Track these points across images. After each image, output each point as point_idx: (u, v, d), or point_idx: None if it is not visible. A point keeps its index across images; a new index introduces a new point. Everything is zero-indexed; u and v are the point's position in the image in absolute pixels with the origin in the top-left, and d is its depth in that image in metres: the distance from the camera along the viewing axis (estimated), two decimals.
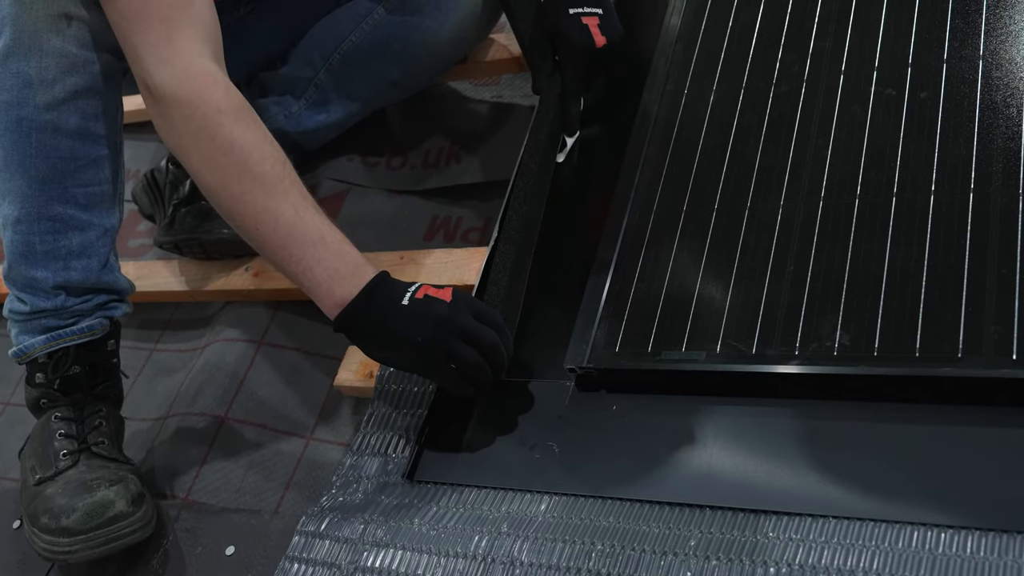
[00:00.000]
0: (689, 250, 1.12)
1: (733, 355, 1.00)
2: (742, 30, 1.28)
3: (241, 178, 1.07)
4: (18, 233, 1.16)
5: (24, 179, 1.14)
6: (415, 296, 1.07)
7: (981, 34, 1.11)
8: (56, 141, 1.13)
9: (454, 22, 1.49)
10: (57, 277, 1.17)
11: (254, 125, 1.10)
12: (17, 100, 1.12)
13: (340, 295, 1.08)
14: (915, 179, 1.03)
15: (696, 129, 1.22)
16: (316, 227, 1.08)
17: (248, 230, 1.09)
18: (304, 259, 1.07)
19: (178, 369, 1.52)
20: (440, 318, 1.05)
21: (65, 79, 1.12)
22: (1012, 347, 0.88)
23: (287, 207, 1.07)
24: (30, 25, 1.11)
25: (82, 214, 1.17)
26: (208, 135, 1.07)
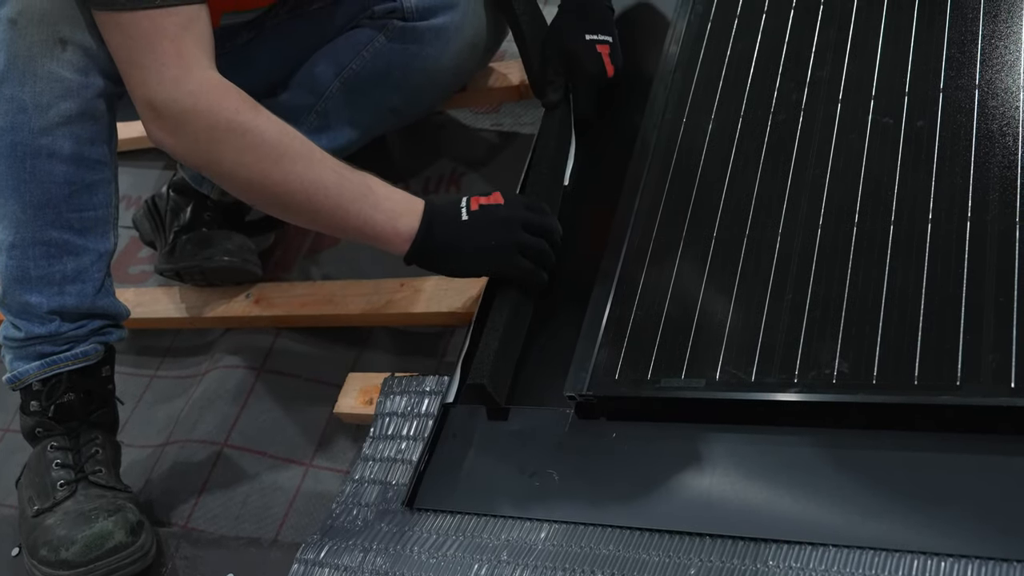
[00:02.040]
0: (688, 277, 1.12)
1: (732, 382, 1.01)
2: (740, 59, 1.28)
3: (280, 162, 1.12)
4: (12, 258, 1.17)
5: (18, 204, 1.14)
6: (470, 209, 1.18)
7: (977, 64, 1.12)
8: (50, 166, 1.14)
9: (454, 51, 1.50)
10: (52, 302, 1.17)
11: (267, 112, 1.15)
12: (11, 125, 1.13)
13: (405, 231, 1.16)
14: (912, 207, 1.04)
15: (695, 157, 1.22)
16: (359, 179, 1.17)
17: (300, 206, 1.15)
18: (362, 212, 1.15)
19: (178, 396, 1.52)
20: (504, 220, 1.18)
21: (59, 104, 1.13)
22: (1010, 375, 0.88)
23: (328, 172, 1.14)
24: (25, 50, 1.12)
25: (76, 239, 1.17)
26: (236, 136, 1.12)
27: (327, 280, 1.49)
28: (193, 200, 1.55)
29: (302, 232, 1.63)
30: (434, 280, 1.38)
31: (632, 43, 1.45)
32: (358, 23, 1.51)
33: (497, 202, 1.20)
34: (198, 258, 1.49)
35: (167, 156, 1.87)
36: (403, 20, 1.48)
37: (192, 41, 1.12)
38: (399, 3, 1.49)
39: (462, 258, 1.20)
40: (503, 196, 1.20)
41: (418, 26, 1.48)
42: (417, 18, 1.48)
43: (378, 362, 1.42)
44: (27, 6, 1.12)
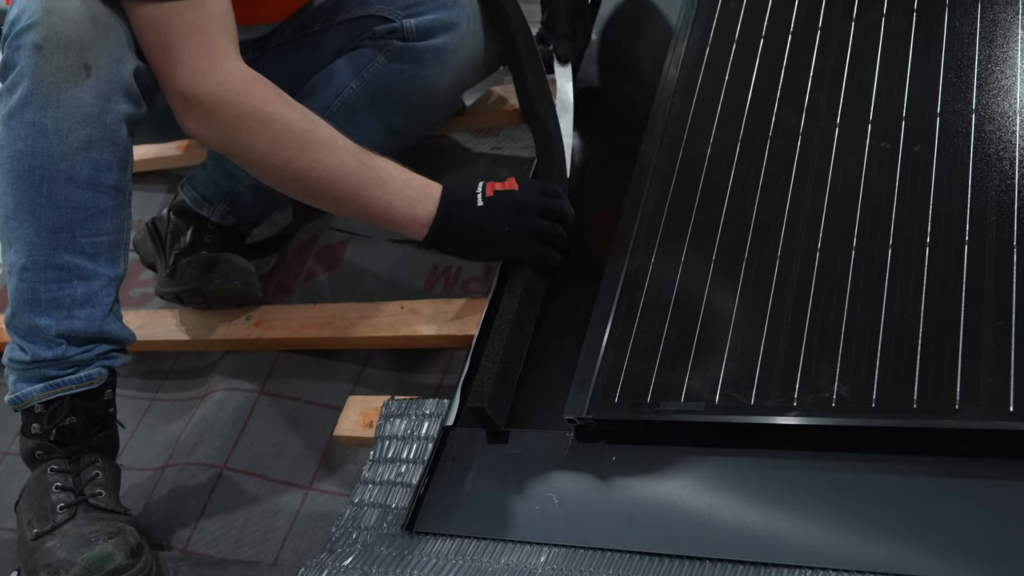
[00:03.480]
0: (687, 300, 1.12)
1: (732, 406, 1.01)
2: (738, 84, 1.29)
3: (305, 149, 1.19)
4: (24, 281, 1.17)
5: (33, 227, 1.15)
6: (486, 195, 1.24)
7: (973, 88, 1.12)
8: (68, 191, 1.15)
9: (453, 72, 1.51)
10: (60, 326, 1.18)
11: (292, 101, 1.21)
12: (31, 149, 1.14)
13: (423, 217, 1.22)
14: (910, 231, 1.04)
15: (694, 181, 1.23)
16: (380, 166, 1.23)
17: (324, 192, 1.21)
18: (383, 198, 1.21)
19: (178, 418, 1.52)
20: (519, 205, 1.23)
21: (80, 129, 1.14)
22: (1009, 399, 0.88)
23: (351, 159, 1.21)
24: (49, 76, 1.13)
25: (88, 263, 1.18)
26: (264, 125, 1.18)
27: (327, 303, 1.50)
28: (194, 223, 1.56)
29: (303, 255, 1.63)
30: (434, 303, 1.39)
31: (631, 67, 1.47)
32: (359, 44, 1.53)
33: (512, 188, 1.25)
34: (199, 281, 1.49)
35: (169, 179, 1.88)
36: (402, 40, 1.50)
37: (220, 34, 1.18)
38: (399, 24, 1.50)
39: (478, 243, 1.25)
40: (518, 181, 1.25)
41: (417, 46, 1.49)
42: (416, 38, 1.49)
43: (378, 385, 1.42)
44: (53, 32, 1.13)
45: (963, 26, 1.19)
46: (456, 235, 1.24)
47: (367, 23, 1.52)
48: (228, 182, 1.56)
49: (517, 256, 1.26)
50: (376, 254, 1.58)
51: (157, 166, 1.91)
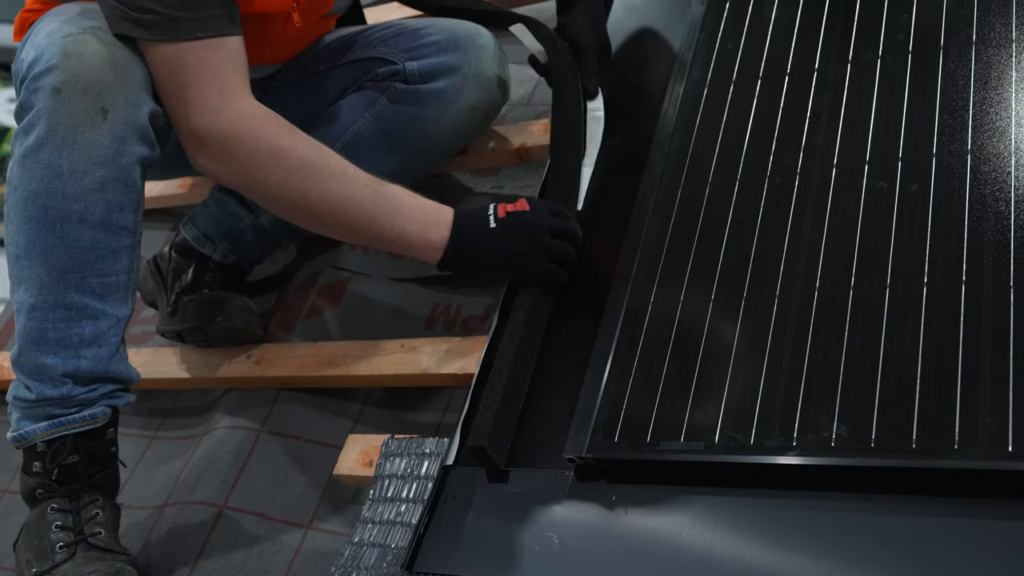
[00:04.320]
0: (687, 340, 1.13)
1: (731, 446, 1.01)
2: (736, 124, 1.30)
3: (318, 180, 1.22)
4: (32, 320, 1.18)
5: (44, 267, 1.16)
6: (498, 216, 1.26)
7: (968, 129, 1.13)
8: (80, 231, 1.16)
9: (454, 114, 1.53)
10: (67, 365, 1.18)
11: (303, 134, 1.25)
12: (46, 190, 1.15)
13: (437, 241, 1.25)
14: (907, 271, 1.05)
15: (692, 220, 1.24)
16: (392, 193, 1.25)
17: (338, 221, 1.24)
18: (395, 225, 1.24)
19: (177, 457, 1.52)
20: (530, 226, 1.25)
21: (95, 171, 1.15)
22: (1007, 439, 0.88)
23: (362, 188, 1.23)
24: (67, 118, 1.14)
25: (97, 303, 1.19)
26: (277, 159, 1.21)
27: (328, 341, 1.50)
28: (195, 261, 1.57)
29: (303, 293, 1.64)
30: (434, 341, 1.39)
31: (629, 107, 1.48)
32: (361, 85, 1.55)
33: (523, 208, 1.27)
34: (200, 320, 1.50)
35: (171, 217, 1.90)
36: (404, 83, 1.52)
37: (232, 72, 1.21)
38: (401, 66, 1.52)
39: (491, 264, 1.28)
40: (528, 202, 1.28)
41: (419, 89, 1.51)
42: (419, 81, 1.51)
43: (378, 423, 1.42)
44: (72, 76, 1.14)
45: (958, 68, 1.20)
46: (470, 257, 1.27)
47: (370, 65, 1.54)
48: (230, 220, 1.57)
49: (529, 276, 1.27)
50: (377, 293, 1.59)
51: (159, 204, 1.92)
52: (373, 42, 1.57)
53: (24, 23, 1.43)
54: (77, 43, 1.16)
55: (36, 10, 1.40)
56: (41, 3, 1.40)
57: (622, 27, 1.61)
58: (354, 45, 1.59)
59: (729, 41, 1.41)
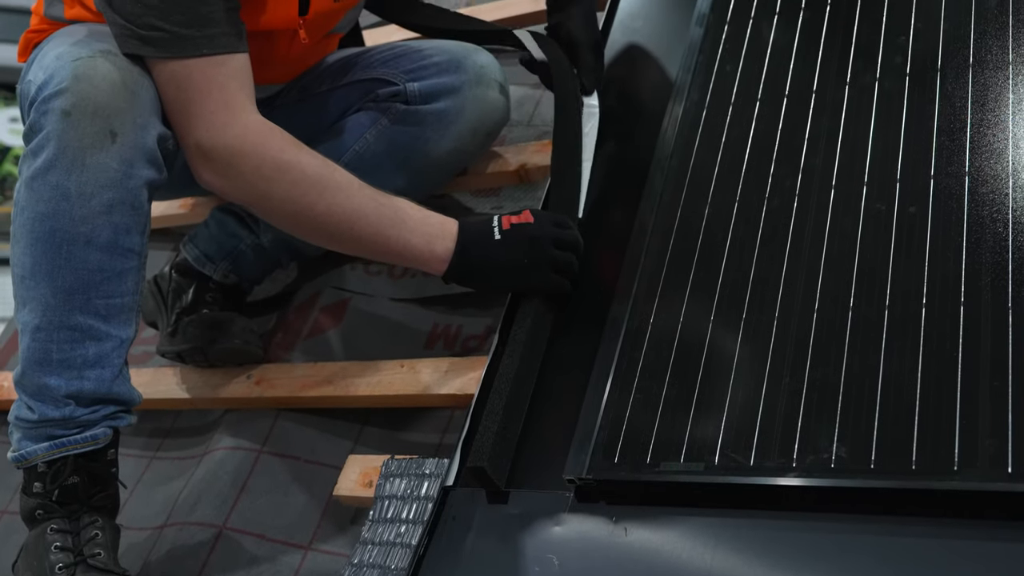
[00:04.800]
0: (687, 360, 1.13)
1: (731, 466, 1.01)
2: (734, 145, 1.31)
3: (323, 194, 1.23)
4: (36, 341, 1.18)
5: (49, 288, 1.16)
6: (502, 228, 1.27)
7: (966, 151, 1.14)
8: (86, 253, 1.16)
9: (454, 135, 1.54)
10: (70, 386, 1.19)
11: (308, 149, 1.26)
12: (53, 212, 1.15)
13: (442, 253, 1.26)
14: (906, 292, 1.05)
15: (691, 241, 1.24)
16: (396, 206, 1.26)
17: (344, 235, 1.25)
18: (400, 237, 1.25)
19: (177, 477, 1.52)
20: (534, 238, 1.26)
21: (103, 193, 1.16)
22: (1007, 460, 0.89)
23: (368, 201, 1.24)
24: (76, 141, 1.15)
25: (101, 324, 1.19)
26: (282, 172, 1.22)
27: (328, 361, 1.50)
28: (195, 281, 1.57)
29: (304, 314, 1.64)
30: (434, 361, 1.39)
31: (629, 128, 1.49)
32: (362, 106, 1.56)
33: (527, 220, 1.28)
34: (200, 340, 1.50)
35: (171, 237, 1.90)
36: (405, 104, 1.53)
37: (238, 88, 1.23)
38: (402, 87, 1.53)
39: (497, 275, 1.29)
40: (532, 214, 1.29)
41: (420, 110, 1.52)
42: (419, 102, 1.52)
43: (378, 443, 1.42)
44: (82, 99, 1.15)
45: (955, 90, 1.20)
46: (475, 268, 1.28)
47: (371, 86, 1.55)
48: (230, 241, 1.58)
49: (533, 287, 1.28)
50: (377, 313, 1.59)
51: (160, 224, 1.93)
52: (374, 63, 1.58)
53: (29, 43, 1.44)
54: (87, 66, 1.16)
55: (41, 30, 1.41)
56: (47, 24, 1.41)
57: (621, 49, 1.61)
58: (356, 66, 1.60)
59: (727, 63, 1.41)
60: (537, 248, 1.26)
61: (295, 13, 1.36)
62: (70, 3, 1.38)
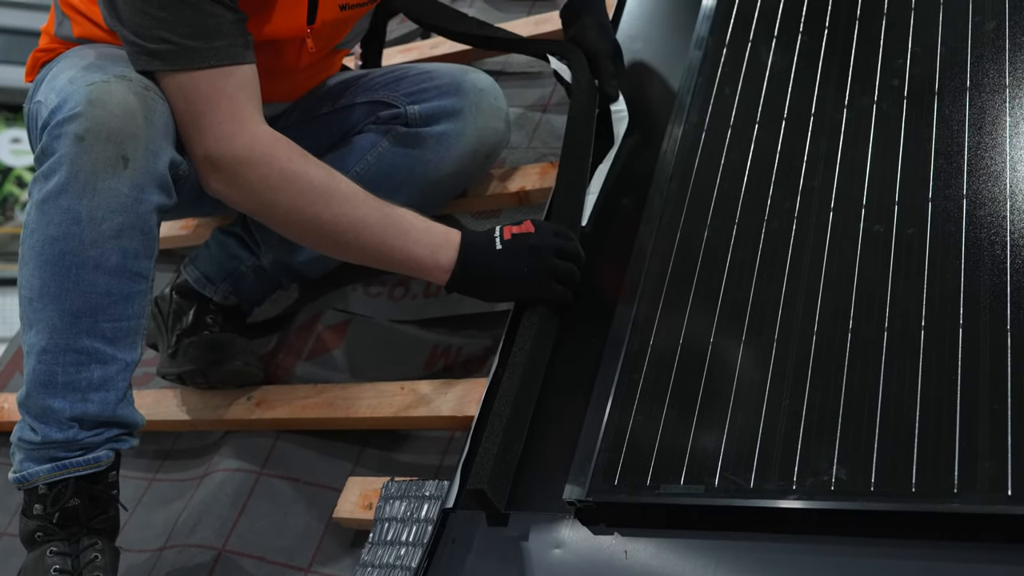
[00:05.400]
0: (686, 382, 1.13)
1: (731, 489, 1.01)
2: (734, 168, 1.32)
3: (329, 203, 1.25)
4: (42, 363, 1.18)
5: (57, 311, 1.17)
6: (504, 238, 1.29)
7: (964, 174, 1.15)
8: (95, 277, 1.17)
9: (455, 157, 1.55)
10: (75, 409, 1.19)
11: (314, 159, 1.28)
12: (63, 235, 1.16)
13: (445, 263, 1.28)
14: (905, 314, 1.06)
15: (691, 263, 1.24)
16: (400, 216, 1.28)
17: (349, 244, 1.27)
18: (405, 247, 1.27)
19: (176, 499, 1.51)
20: (535, 248, 1.28)
21: (113, 218, 1.17)
22: (1007, 483, 0.89)
23: (372, 211, 1.27)
24: (88, 166, 1.16)
25: (107, 348, 1.19)
26: (289, 181, 1.24)
27: (328, 383, 1.50)
28: (196, 303, 1.57)
29: (304, 335, 1.65)
30: (434, 383, 1.39)
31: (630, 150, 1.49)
32: (363, 128, 1.56)
33: (528, 231, 1.30)
34: (201, 362, 1.50)
35: (172, 258, 1.90)
36: (406, 126, 1.54)
37: (246, 99, 1.25)
38: (403, 110, 1.54)
39: (499, 285, 1.31)
40: (533, 224, 1.31)
41: (420, 132, 1.53)
42: (420, 124, 1.53)
43: (378, 466, 1.42)
44: (96, 124, 1.16)
45: (952, 113, 1.21)
46: (477, 278, 1.30)
47: (372, 108, 1.56)
48: (231, 262, 1.58)
49: (535, 296, 1.30)
50: (377, 335, 1.59)
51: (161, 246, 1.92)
52: (375, 86, 1.59)
53: (37, 63, 1.45)
54: (102, 91, 1.17)
55: (50, 50, 1.43)
56: (57, 43, 1.42)
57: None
58: (357, 88, 1.61)
59: (726, 86, 1.42)
60: (538, 258, 1.28)
61: (303, 22, 1.39)
62: (79, 21, 1.40)
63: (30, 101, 1.37)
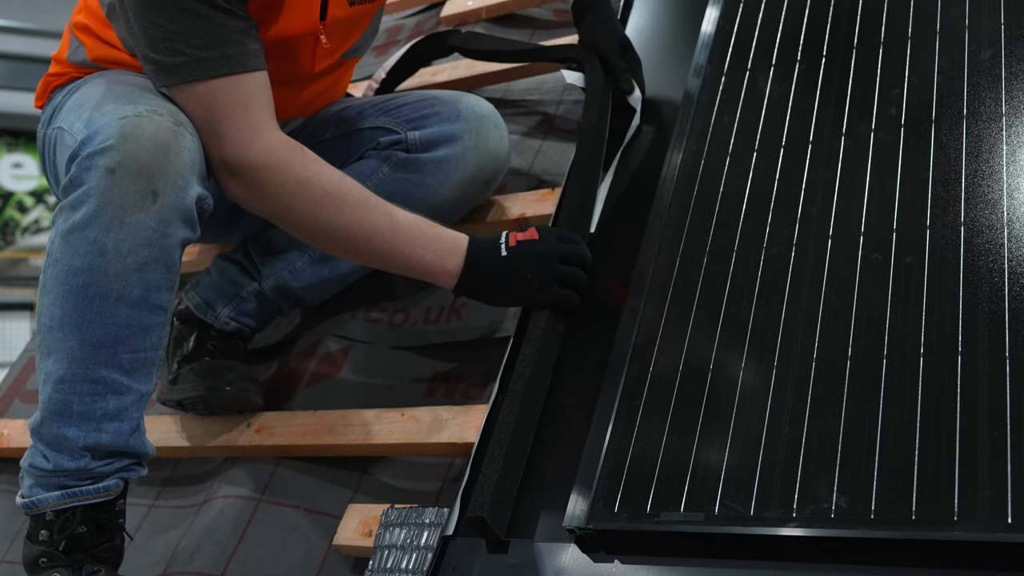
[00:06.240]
0: (686, 409, 1.13)
1: (731, 516, 1.01)
2: (733, 195, 1.32)
3: (342, 209, 1.29)
4: (58, 392, 1.19)
5: (77, 341, 1.17)
6: (509, 244, 1.33)
7: (961, 202, 1.15)
8: (116, 309, 1.18)
9: (454, 182, 1.56)
10: (88, 438, 1.19)
11: (328, 165, 1.32)
12: (88, 267, 1.16)
13: (453, 268, 1.32)
14: (904, 342, 1.06)
15: (690, 290, 1.25)
16: (410, 222, 1.32)
17: (360, 248, 1.32)
18: (414, 253, 1.31)
19: (176, 526, 1.51)
20: (539, 253, 1.31)
21: (139, 251, 1.18)
22: (1007, 511, 0.89)
23: (383, 217, 1.31)
24: (117, 199, 1.16)
25: (124, 378, 1.20)
26: (303, 187, 1.29)
27: (328, 410, 1.50)
28: (197, 329, 1.58)
29: (304, 361, 1.65)
30: (434, 410, 1.39)
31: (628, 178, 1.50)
32: (364, 154, 1.58)
33: (533, 237, 1.33)
34: (201, 389, 1.50)
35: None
36: (406, 152, 1.55)
37: (260, 107, 1.29)
38: (403, 136, 1.55)
39: (505, 290, 1.34)
40: (538, 230, 1.34)
41: (420, 158, 1.54)
42: (420, 150, 1.55)
43: (378, 492, 1.41)
44: (128, 158, 1.17)
45: (949, 141, 1.22)
46: (483, 283, 1.33)
47: (373, 134, 1.58)
48: (232, 288, 1.59)
49: (541, 301, 1.32)
50: (377, 361, 1.59)
51: None
52: (377, 112, 1.61)
53: (48, 88, 1.46)
54: (134, 125, 1.18)
55: (62, 75, 1.44)
56: (71, 68, 1.44)
57: None
58: (358, 115, 1.62)
59: (725, 114, 1.43)
60: (542, 263, 1.31)
61: (316, 17, 1.42)
62: (93, 44, 1.42)
63: (46, 126, 1.38)
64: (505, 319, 1.51)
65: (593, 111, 1.53)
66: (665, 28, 1.72)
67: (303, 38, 1.44)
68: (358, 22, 1.54)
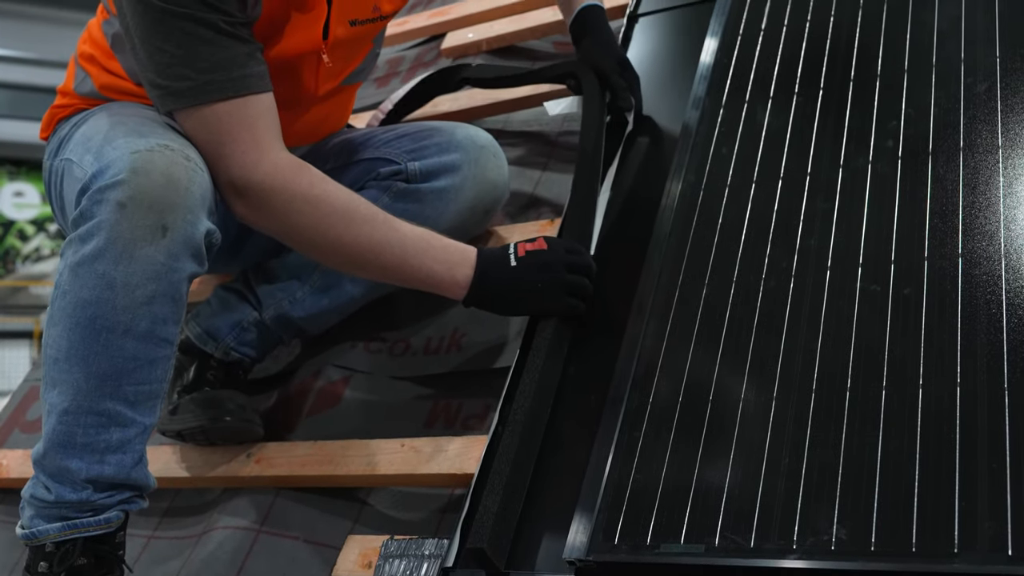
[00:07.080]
0: (686, 440, 1.13)
1: (731, 548, 1.01)
2: (731, 226, 1.33)
3: (350, 226, 1.31)
4: (62, 423, 1.19)
5: (83, 373, 1.17)
6: (518, 255, 1.35)
7: (959, 233, 1.16)
8: (123, 342, 1.18)
9: (453, 212, 1.57)
10: (91, 471, 1.19)
11: (334, 182, 1.33)
12: (96, 299, 1.17)
13: (463, 279, 1.34)
14: (903, 373, 1.06)
15: (690, 321, 1.25)
16: (418, 235, 1.34)
17: (370, 264, 1.33)
18: (423, 265, 1.33)
19: (174, 557, 1.50)
20: (548, 263, 1.34)
21: (147, 285, 1.18)
22: (1007, 543, 0.89)
23: (391, 231, 1.32)
24: (128, 233, 1.17)
25: (128, 411, 1.20)
26: (311, 206, 1.30)
27: (328, 440, 1.50)
28: (197, 359, 1.58)
29: (304, 392, 1.65)
30: (434, 440, 1.39)
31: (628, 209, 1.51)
32: (365, 185, 1.59)
33: (541, 247, 1.36)
34: (201, 419, 1.50)
35: None
36: (406, 182, 1.56)
37: (266, 128, 1.30)
38: (403, 166, 1.57)
39: (514, 300, 1.36)
40: (546, 241, 1.37)
41: (420, 188, 1.56)
42: (419, 180, 1.56)
43: (378, 523, 1.41)
44: (139, 193, 1.17)
45: (947, 173, 1.23)
46: (493, 293, 1.35)
47: (373, 165, 1.59)
48: (232, 318, 1.59)
49: (549, 310, 1.35)
50: (377, 391, 1.60)
51: None
52: (377, 143, 1.62)
53: (53, 119, 1.47)
54: (145, 160, 1.19)
55: (68, 106, 1.45)
56: (77, 99, 1.45)
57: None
58: (359, 146, 1.63)
59: (723, 146, 1.44)
60: (551, 273, 1.34)
61: (318, 36, 1.43)
62: (99, 74, 1.43)
63: (53, 157, 1.39)
64: (505, 350, 1.52)
65: (589, 140, 1.55)
66: (663, 60, 1.74)
67: (306, 57, 1.46)
68: (359, 44, 1.56)
